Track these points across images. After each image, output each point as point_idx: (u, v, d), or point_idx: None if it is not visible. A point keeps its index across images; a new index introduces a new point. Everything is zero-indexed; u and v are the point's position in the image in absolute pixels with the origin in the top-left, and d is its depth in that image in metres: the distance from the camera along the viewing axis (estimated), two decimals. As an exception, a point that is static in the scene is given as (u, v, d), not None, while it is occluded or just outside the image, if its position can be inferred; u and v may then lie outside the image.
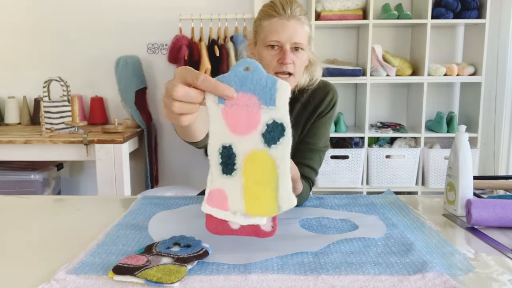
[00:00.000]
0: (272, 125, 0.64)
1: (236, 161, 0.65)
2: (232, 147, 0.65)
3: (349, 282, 0.69)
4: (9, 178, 2.53)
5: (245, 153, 0.65)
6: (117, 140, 2.30)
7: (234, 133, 0.65)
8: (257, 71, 0.63)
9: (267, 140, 0.64)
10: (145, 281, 0.68)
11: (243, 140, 0.65)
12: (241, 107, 0.64)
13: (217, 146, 0.66)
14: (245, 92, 0.63)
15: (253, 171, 0.65)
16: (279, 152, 0.64)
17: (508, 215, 0.92)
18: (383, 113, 2.90)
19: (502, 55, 2.64)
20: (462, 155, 1.01)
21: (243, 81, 0.63)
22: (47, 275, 0.71)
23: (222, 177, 0.66)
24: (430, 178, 2.64)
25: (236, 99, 0.64)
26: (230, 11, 2.72)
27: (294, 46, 1.07)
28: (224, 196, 0.67)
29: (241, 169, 0.66)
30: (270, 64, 1.09)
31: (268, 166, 0.65)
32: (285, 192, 0.65)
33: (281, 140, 0.64)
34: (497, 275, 0.72)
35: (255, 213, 0.66)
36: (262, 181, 0.65)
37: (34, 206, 1.14)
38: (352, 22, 2.57)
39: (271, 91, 0.63)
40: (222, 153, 0.66)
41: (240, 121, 0.64)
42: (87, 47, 2.86)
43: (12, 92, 2.88)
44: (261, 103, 0.64)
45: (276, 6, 1.08)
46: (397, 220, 0.98)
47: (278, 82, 0.63)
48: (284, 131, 0.64)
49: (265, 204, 0.66)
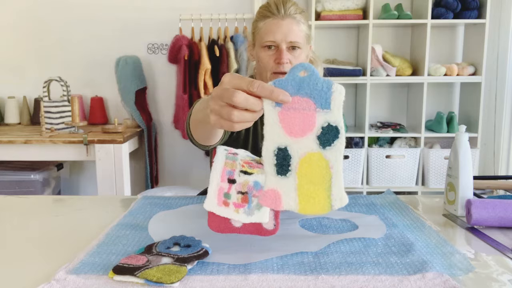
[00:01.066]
0: (327, 128, 0.65)
1: (291, 163, 0.67)
2: (287, 149, 0.67)
3: (349, 282, 0.69)
4: (9, 178, 2.53)
5: (300, 155, 0.67)
6: (117, 140, 2.30)
7: (290, 135, 0.66)
8: (313, 75, 0.65)
9: (322, 142, 0.66)
10: (145, 281, 0.68)
11: (299, 142, 0.66)
12: (297, 110, 0.65)
13: (272, 148, 0.67)
14: (302, 95, 0.65)
15: (308, 172, 0.67)
16: (333, 154, 0.66)
17: (508, 215, 0.92)
18: (383, 113, 2.90)
19: (502, 55, 2.64)
20: (462, 155, 1.01)
21: (300, 85, 0.65)
22: (47, 275, 0.71)
23: (277, 177, 0.68)
24: (430, 178, 2.64)
25: (292, 103, 0.65)
26: (230, 11, 2.72)
27: (291, 45, 1.07)
28: (278, 196, 0.68)
29: (296, 170, 0.67)
30: (268, 64, 1.09)
31: (323, 167, 0.66)
32: (338, 191, 0.67)
33: (335, 142, 0.66)
34: (497, 275, 0.72)
35: (308, 212, 0.68)
36: (316, 181, 0.67)
37: (34, 206, 1.14)
38: (352, 22, 2.57)
39: (327, 94, 0.64)
40: (277, 155, 0.67)
41: (296, 124, 0.66)
42: (87, 47, 2.86)
43: (12, 92, 2.88)
44: (316, 107, 0.65)
45: (270, 7, 1.08)
46: (397, 220, 0.98)
47: (334, 85, 0.64)
48: (339, 133, 0.66)
49: (318, 202, 0.67)
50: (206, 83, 2.61)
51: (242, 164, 0.76)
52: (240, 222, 0.77)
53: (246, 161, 0.78)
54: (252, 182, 0.75)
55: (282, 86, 0.65)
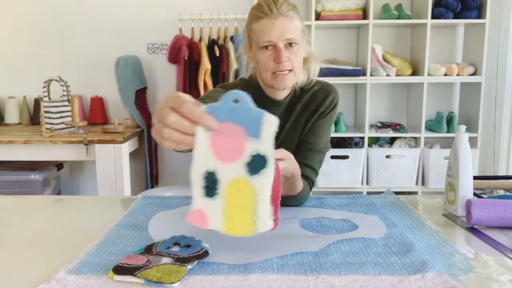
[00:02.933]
0: (256, 156, 0.67)
1: (218, 186, 0.69)
2: (216, 173, 0.68)
3: (349, 282, 0.69)
4: (9, 178, 2.53)
5: (228, 180, 0.68)
6: (117, 140, 2.30)
7: (220, 160, 0.68)
8: (245, 104, 0.66)
9: (250, 169, 0.67)
10: (145, 281, 0.68)
11: (228, 168, 0.68)
12: (228, 136, 0.67)
13: (201, 170, 0.68)
14: (233, 123, 0.66)
15: (234, 197, 0.69)
16: (259, 181, 0.68)
17: (508, 215, 0.92)
18: (383, 113, 2.90)
19: (502, 55, 2.64)
20: (462, 155, 1.01)
21: (232, 112, 0.66)
22: (47, 275, 0.71)
23: (204, 199, 0.69)
24: (430, 178, 2.63)
25: (224, 129, 0.66)
26: (230, 11, 2.72)
27: (288, 43, 1.07)
28: (205, 216, 0.70)
29: (223, 194, 0.69)
30: (267, 65, 1.09)
31: (249, 193, 0.68)
32: (262, 217, 0.68)
33: (263, 171, 0.67)
34: (497, 275, 0.72)
35: (232, 233, 0.70)
36: (242, 206, 0.69)
37: (34, 206, 1.14)
38: (352, 22, 2.57)
39: (257, 124, 0.66)
40: (206, 178, 0.69)
41: (226, 149, 0.67)
42: (87, 47, 2.86)
43: (12, 92, 2.88)
44: (247, 135, 0.66)
45: (262, 7, 1.08)
46: (397, 220, 0.98)
47: (265, 115, 0.66)
48: (266, 163, 0.67)
49: (243, 226, 0.69)
50: (206, 83, 2.61)
51: None
52: None
53: None
54: None
55: (214, 112, 0.66)
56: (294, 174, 0.97)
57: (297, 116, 1.18)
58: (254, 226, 0.69)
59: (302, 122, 1.18)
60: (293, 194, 1.06)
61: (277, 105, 1.18)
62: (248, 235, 0.70)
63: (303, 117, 1.18)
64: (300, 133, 1.18)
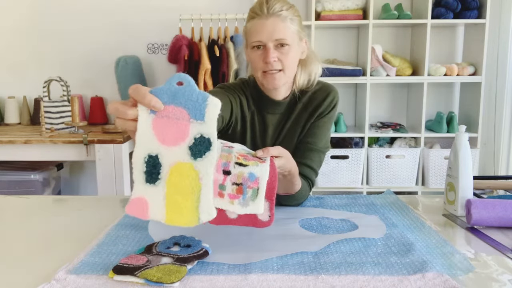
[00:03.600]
0: (199, 139, 0.67)
1: (160, 171, 0.68)
2: (158, 157, 0.67)
3: (349, 282, 0.69)
4: (9, 178, 2.53)
5: (171, 164, 0.67)
6: (117, 140, 2.30)
7: (162, 143, 0.67)
8: (189, 86, 0.66)
9: (193, 153, 0.67)
10: (145, 281, 0.68)
11: (170, 151, 0.67)
12: (171, 119, 0.66)
13: (143, 154, 0.68)
14: (177, 105, 0.66)
15: (177, 182, 0.67)
16: (203, 165, 0.67)
17: (508, 215, 0.92)
18: (383, 113, 2.90)
19: (502, 55, 2.63)
20: (462, 155, 1.01)
21: (175, 95, 0.66)
22: (47, 275, 0.71)
23: (145, 185, 0.68)
24: (430, 178, 2.63)
25: (167, 111, 0.66)
26: (230, 11, 2.72)
27: (278, 43, 1.07)
28: (146, 205, 0.68)
29: (165, 179, 0.68)
30: (257, 64, 1.09)
31: (192, 178, 0.67)
32: (205, 204, 0.68)
33: (206, 154, 0.67)
34: (497, 275, 0.72)
35: (175, 223, 0.68)
36: (184, 192, 0.68)
37: (34, 206, 1.14)
38: (352, 22, 2.57)
39: (201, 106, 0.66)
40: (147, 162, 0.68)
41: (169, 132, 0.67)
42: (87, 47, 2.86)
43: (12, 92, 2.88)
44: (190, 117, 0.66)
45: (255, 7, 1.08)
46: (397, 220, 0.98)
47: (209, 98, 0.66)
48: (210, 145, 0.67)
49: (185, 214, 0.68)
50: (206, 83, 2.61)
51: (238, 157, 0.77)
52: (235, 214, 0.78)
53: (242, 154, 0.78)
54: (247, 174, 0.75)
55: (157, 94, 0.66)
56: (291, 172, 0.97)
57: (297, 116, 1.18)
58: (197, 215, 0.68)
59: (302, 122, 1.18)
60: (292, 193, 1.06)
61: (277, 105, 1.17)
62: (191, 225, 0.68)
63: (302, 117, 1.18)
64: (299, 133, 1.18)
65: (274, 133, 1.20)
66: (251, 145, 1.19)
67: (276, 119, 1.19)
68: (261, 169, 0.75)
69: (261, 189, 0.74)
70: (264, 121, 1.19)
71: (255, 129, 1.19)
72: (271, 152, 0.83)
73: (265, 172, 0.75)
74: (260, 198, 0.75)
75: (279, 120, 1.20)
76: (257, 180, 0.74)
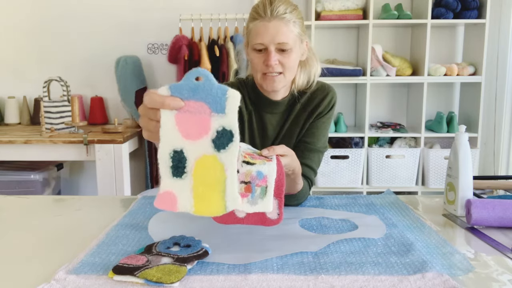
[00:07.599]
0: (221, 131, 0.68)
1: (186, 165, 0.69)
2: (183, 152, 0.69)
3: (349, 282, 0.69)
4: (9, 178, 2.53)
5: (196, 157, 0.69)
6: (117, 140, 2.30)
7: (186, 138, 0.69)
8: (208, 81, 0.67)
9: (216, 145, 0.68)
10: (145, 281, 0.68)
11: (194, 145, 0.69)
12: (193, 114, 0.68)
13: (168, 150, 0.69)
14: (197, 100, 0.67)
15: (203, 174, 0.69)
16: (227, 157, 0.69)
17: (508, 215, 0.92)
18: (383, 113, 2.90)
19: (502, 55, 2.63)
20: (462, 155, 1.01)
21: (195, 90, 0.67)
22: (47, 275, 0.71)
23: (172, 179, 0.70)
24: (430, 178, 2.63)
25: (188, 107, 0.67)
26: (230, 11, 2.72)
27: (279, 47, 1.06)
28: (174, 198, 0.70)
29: (191, 172, 0.69)
30: (258, 66, 1.09)
31: (217, 170, 0.69)
32: (231, 193, 0.69)
33: (229, 145, 0.68)
34: (497, 275, 0.72)
35: (203, 213, 0.70)
36: (211, 183, 0.69)
37: (34, 206, 1.15)
38: (352, 22, 2.57)
39: (221, 99, 0.67)
40: (173, 157, 0.69)
41: (192, 127, 0.68)
42: (87, 47, 2.86)
43: (12, 92, 2.88)
44: (211, 111, 0.67)
45: (259, 7, 1.07)
46: (397, 220, 0.98)
47: (229, 91, 0.67)
48: (233, 137, 0.68)
49: (213, 203, 0.70)
50: (206, 83, 2.60)
51: (244, 155, 0.77)
52: (244, 213, 0.78)
53: (248, 153, 0.79)
54: (255, 172, 0.75)
55: (177, 90, 0.67)
56: (295, 171, 0.97)
57: (296, 116, 1.19)
58: (223, 203, 0.69)
59: (301, 122, 1.18)
60: (294, 193, 1.06)
61: (275, 104, 1.18)
62: (219, 213, 0.70)
63: (301, 117, 1.18)
64: (298, 133, 1.19)
65: (273, 133, 1.20)
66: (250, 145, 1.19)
67: (275, 119, 1.19)
68: (269, 167, 0.76)
69: (270, 187, 0.75)
70: (262, 121, 1.19)
71: (253, 129, 1.19)
72: (277, 150, 0.84)
73: (272, 170, 0.76)
74: (269, 196, 0.75)
75: (278, 120, 1.20)
76: (265, 178, 0.75)
